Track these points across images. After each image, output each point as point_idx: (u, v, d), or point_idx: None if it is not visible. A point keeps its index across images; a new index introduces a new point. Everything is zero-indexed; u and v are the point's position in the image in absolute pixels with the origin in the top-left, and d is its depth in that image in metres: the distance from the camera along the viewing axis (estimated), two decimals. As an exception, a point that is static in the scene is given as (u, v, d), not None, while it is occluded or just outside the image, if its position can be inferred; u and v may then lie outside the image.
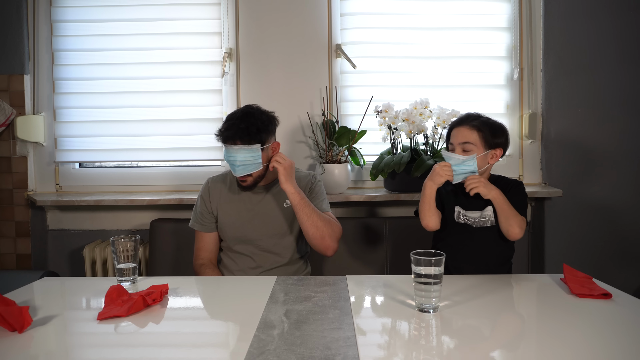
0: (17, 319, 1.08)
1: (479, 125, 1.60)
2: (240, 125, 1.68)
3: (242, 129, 1.68)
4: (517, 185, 1.64)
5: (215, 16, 2.36)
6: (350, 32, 2.36)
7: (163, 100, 2.38)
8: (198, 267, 1.79)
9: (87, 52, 2.38)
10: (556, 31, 2.31)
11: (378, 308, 1.29)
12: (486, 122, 1.62)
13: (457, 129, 1.62)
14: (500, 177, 1.69)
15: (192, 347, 1.02)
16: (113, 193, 2.38)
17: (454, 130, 1.63)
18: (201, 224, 1.82)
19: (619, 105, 2.31)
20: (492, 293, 1.34)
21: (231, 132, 1.68)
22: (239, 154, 1.67)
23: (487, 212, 1.60)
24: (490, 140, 1.60)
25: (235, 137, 1.67)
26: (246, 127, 1.68)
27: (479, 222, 1.61)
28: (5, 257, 2.38)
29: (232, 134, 1.68)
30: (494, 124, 1.63)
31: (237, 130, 1.68)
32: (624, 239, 2.34)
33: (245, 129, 1.68)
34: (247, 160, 1.68)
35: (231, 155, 1.67)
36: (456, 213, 1.64)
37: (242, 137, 1.68)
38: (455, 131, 1.63)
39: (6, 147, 2.34)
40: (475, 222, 1.61)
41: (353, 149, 2.24)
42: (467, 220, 1.62)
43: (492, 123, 1.63)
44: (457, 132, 1.62)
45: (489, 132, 1.60)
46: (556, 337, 1.04)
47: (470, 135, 1.58)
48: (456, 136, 1.61)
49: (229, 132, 1.69)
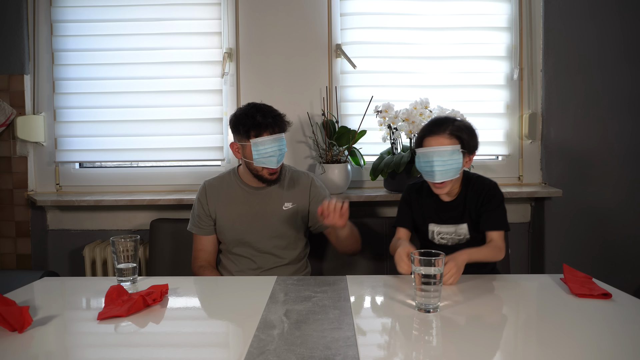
0: (17, 319, 1.08)
1: (457, 131, 1.50)
2: (274, 113, 1.67)
3: (278, 116, 1.67)
4: (493, 195, 1.55)
5: (215, 16, 2.36)
6: (350, 32, 2.36)
7: (163, 100, 2.38)
8: (197, 269, 1.79)
9: (87, 52, 2.38)
10: (556, 31, 2.31)
11: (378, 308, 1.29)
12: (462, 126, 1.51)
13: (432, 139, 1.50)
14: (477, 179, 1.61)
15: (192, 347, 1.02)
16: (113, 193, 2.38)
17: (429, 140, 1.51)
18: (199, 227, 1.81)
19: (619, 105, 2.31)
20: (492, 293, 1.34)
21: (270, 120, 1.65)
22: (282, 142, 1.67)
23: (462, 231, 1.56)
24: (470, 145, 1.52)
25: (274, 125, 1.66)
26: (279, 114, 1.68)
27: (453, 239, 1.57)
28: (5, 257, 2.38)
29: (272, 122, 1.65)
30: (468, 125, 1.54)
31: (275, 117, 1.66)
32: (624, 238, 2.34)
33: (279, 116, 1.68)
34: (284, 148, 1.69)
35: (274, 146, 1.64)
36: (430, 233, 1.60)
37: (281, 124, 1.68)
38: (430, 141, 1.50)
39: (6, 147, 2.34)
40: (450, 239, 1.58)
41: (353, 149, 2.24)
42: (441, 239, 1.59)
43: (467, 125, 1.54)
44: (433, 142, 1.50)
45: (468, 137, 1.51)
46: (556, 337, 1.04)
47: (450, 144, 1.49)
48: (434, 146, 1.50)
49: (267, 120, 1.64)
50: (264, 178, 1.72)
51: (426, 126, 1.55)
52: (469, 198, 1.58)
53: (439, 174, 1.47)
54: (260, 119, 1.65)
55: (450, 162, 1.47)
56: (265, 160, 1.66)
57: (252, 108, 1.69)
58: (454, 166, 1.48)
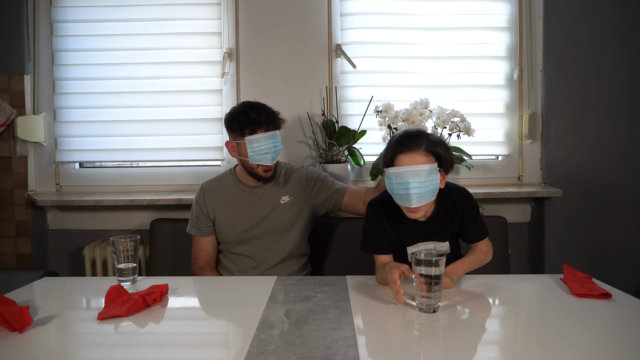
0: (17, 318, 1.08)
1: (432, 146, 1.31)
2: (268, 110, 1.67)
3: (272, 113, 1.67)
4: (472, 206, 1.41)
5: (215, 16, 2.36)
6: (350, 32, 2.36)
7: (163, 100, 2.38)
8: (197, 270, 1.79)
9: (87, 52, 2.38)
10: (556, 31, 2.31)
11: (378, 308, 1.28)
12: (437, 141, 1.33)
13: (405, 156, 1.29)
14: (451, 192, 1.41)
15: (192, 347, 1.02)
16: (113, 193, 2.38)
17: (401, 158, 1.30)
18: (198, 228, 1.81)
19: (618, 105, 2.31)
20: (492, 293, 1.34)
21: (264, 117, 1.65)
22: (277, 139, 1.67)
23: (443, 248, 1.43)
24: (447, 162, 1.33)
25: (269, 122, 1.67)
26: (273, 112, 1.69)
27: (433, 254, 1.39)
28: (5, 257, 2.37)
29: (266, 119, 1.66)
30: (443, 140, 1.37)
31: (269, 115, 1.67)
32: (624, 238, 2.34)
33: (273, 113, 1.68)
34: (278, 145, 1.69)
35: (269, 143, 1.65)
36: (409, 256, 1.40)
37: (275, 121, 1.68)
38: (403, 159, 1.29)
39: (6, 147, 2.34)
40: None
41: (353, 149, 2.24)
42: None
43: (441, 140, 1.36)
44: (407, 160, 1.29)
45: (445, 152, 1.32)
46: (556, 337, 1.04)
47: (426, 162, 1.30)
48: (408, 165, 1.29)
49: (261, 117, 1.65)
50: (259, 175, 1.73)
51: (396, 141, 1.33)
52: (448, 214, 1.41)
53: (415, 197, 1.27)
54: (254, 117, 1.66)
55: (427, 184, 1.28)
56: (260, 158, 1.67)
57: (246, 106, 1.71)
58: (431, 187, 1.29)
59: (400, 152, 1.30)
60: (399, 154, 1.30)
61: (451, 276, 1.36)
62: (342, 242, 2.07)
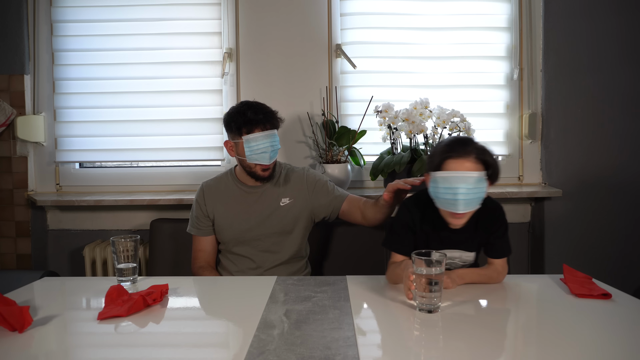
0: (17, 318, 1.08)
1: (482, 154, 1.29)
2: (265, 110, 1.68)
3: (269, 113, 1.67)
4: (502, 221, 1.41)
5: (215, 16, 2.36)
6: (350, 32, 2.36)
7: (163, 100, 2.38)
8: (197, 270, 1.79)
9: (87, 52, 2.38)
10: (556, 31, 2.31)
11: (378, 308, 1.28)
12: (485, 149, 1.31)
13: (456, 162, 1.28)
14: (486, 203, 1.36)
15: (192, 347, 1.02)
16: (113, 193, 2.38)
17: (451, 163, 1.28)
18: (198, 228, 1.81)
19: (619, 105, 2.30)
20: (492, 293, 1.34)
21: (261, 116, 1.66)
22: (275, 138, 1.67)
23: (469, 258, 1.45)
24: (495, 173, 1.31)
25: (265, 121, 1.67)
26: (271, 111, 1.69)
27: (456, 264, 1.46)
28: (5, 257, 2.38)
29: (263, 118, 1.66)
30: (489, 149, 1.33)
31: (267, 114, 1.67)
32: (624, 238, 2.33)
33: (270, 112, 1.69)
34: (276, 144, 1.69)
35: (266, 142, 1.65)
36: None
37: (272, 120, 1.68)
38: (454, 164, 1.28)
39: (6, 147, 2.34)
40: (453, 264, 1.46)
41: (353, 149, 2.24)
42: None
43: (488, 149, 1.33)
44: (458, 165, 1.27)
45: (493, 162, 1.30)
46: (556, 337, 1.04)
47: (476, 169, 1.28)
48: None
49: (258, 116, 1.65)
50: (258, 175, 1.74)
51: (446, 145, 1.31)
52: (481, 226, 1.40)
53: (462, 203, 1.26)
54: (251, 116, 1.66)
55: (475, 191, 1.26)
56: (257, 157, 1.67)
57: (244, 105, 1.72)
58: (478, 195, 1.28)
59: (450, 157, 1.28)
60: (448, 158, 1.28)
61: (456, 279, 1.36)
62: (342, 242, 2.07)
